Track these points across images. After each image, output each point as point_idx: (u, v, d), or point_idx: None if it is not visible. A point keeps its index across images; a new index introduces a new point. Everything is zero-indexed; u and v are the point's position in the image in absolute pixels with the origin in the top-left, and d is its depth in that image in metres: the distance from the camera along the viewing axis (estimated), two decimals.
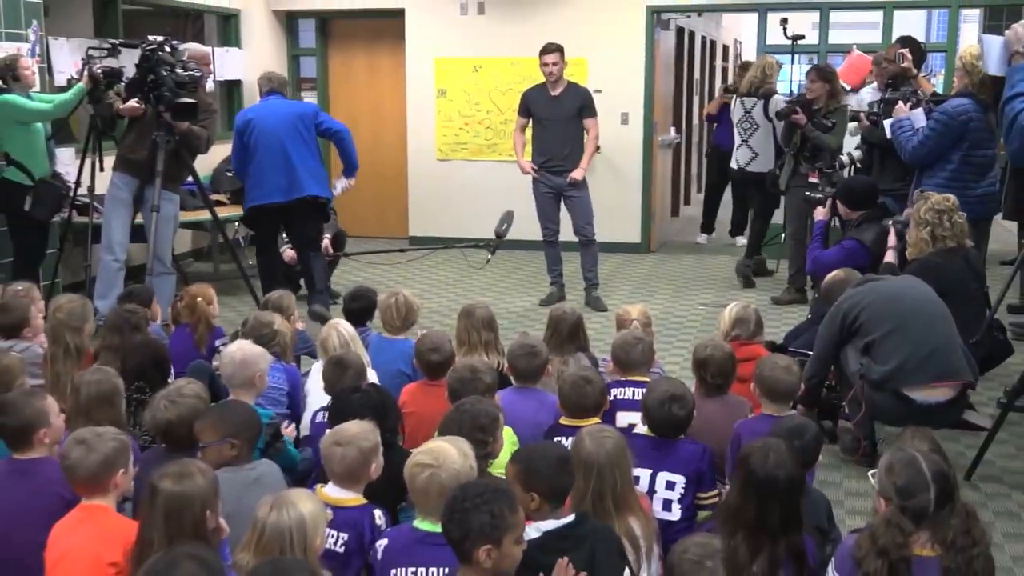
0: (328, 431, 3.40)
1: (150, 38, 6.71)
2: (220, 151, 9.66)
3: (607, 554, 2.90)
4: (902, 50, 7.15)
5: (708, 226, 11.27)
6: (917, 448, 3.05)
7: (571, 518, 2.97)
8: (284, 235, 7.92)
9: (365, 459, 3.24)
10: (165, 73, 6.48)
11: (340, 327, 4.73)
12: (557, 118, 7.87)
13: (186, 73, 6.64)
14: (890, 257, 5.58)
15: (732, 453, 3.69)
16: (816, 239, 6.32)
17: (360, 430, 3.28)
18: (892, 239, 5.65)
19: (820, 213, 6.50)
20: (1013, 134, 3.00)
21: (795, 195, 7.87)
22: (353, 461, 3.21)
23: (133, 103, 6.56)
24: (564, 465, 3.01)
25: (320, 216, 7.54)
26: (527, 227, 8.33)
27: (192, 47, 6.84)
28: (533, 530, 2.93)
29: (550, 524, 2.93)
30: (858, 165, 7.36)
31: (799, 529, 3.00)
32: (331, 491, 3.25)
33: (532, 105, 7.96)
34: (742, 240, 10.62)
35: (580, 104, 7.88)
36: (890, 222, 5.82)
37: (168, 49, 6.65)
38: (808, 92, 8.05)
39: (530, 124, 8.09)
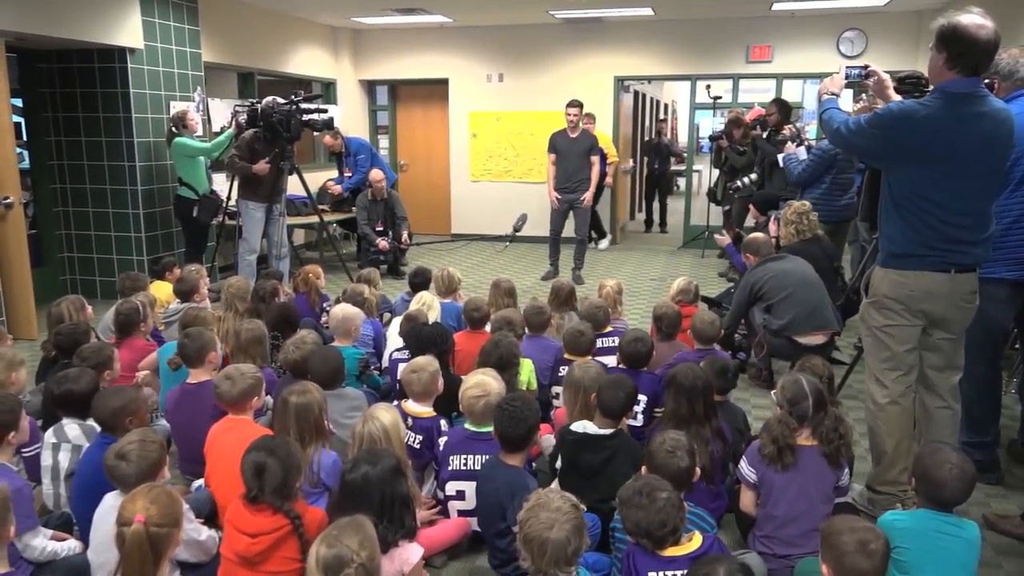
0: (403, 365, 3.34)
1: (269, 99, 6.65)
2: (322, 175, 9.63)
3: (622, 460, 2.81)
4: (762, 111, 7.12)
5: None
6: (802, 374, 3.03)
7: (611, 431, 2.85)
8: (379, 227, 7.99)
9: (433, 379, 3.21)
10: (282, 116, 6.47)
11: (428, 296, 4.78)
12: (573, 153, 7.69)
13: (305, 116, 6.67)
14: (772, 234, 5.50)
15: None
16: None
17: (426, 361, 3.25)
18: (772, 228, 5.60)
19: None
20: (826, 132, 2.99)
21: (728, 203, 7.95)
22: (426, 381, 3.18)
23: (263, 164, 6.47)
24: (614, 391, 2.88)
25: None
26: (533, 228, 8.28)
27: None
28: (580, 427, 2.87)
29: (593, 428, 2.86)
30: (755, 187, 7.30)
31: (716, 416, 3.01)
32: (412, 406, 3.22)
33: (556, 144, 7.77)
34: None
35: (590, 145, 7.71)
36: (772, 215, 5.81)
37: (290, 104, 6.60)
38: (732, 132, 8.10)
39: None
